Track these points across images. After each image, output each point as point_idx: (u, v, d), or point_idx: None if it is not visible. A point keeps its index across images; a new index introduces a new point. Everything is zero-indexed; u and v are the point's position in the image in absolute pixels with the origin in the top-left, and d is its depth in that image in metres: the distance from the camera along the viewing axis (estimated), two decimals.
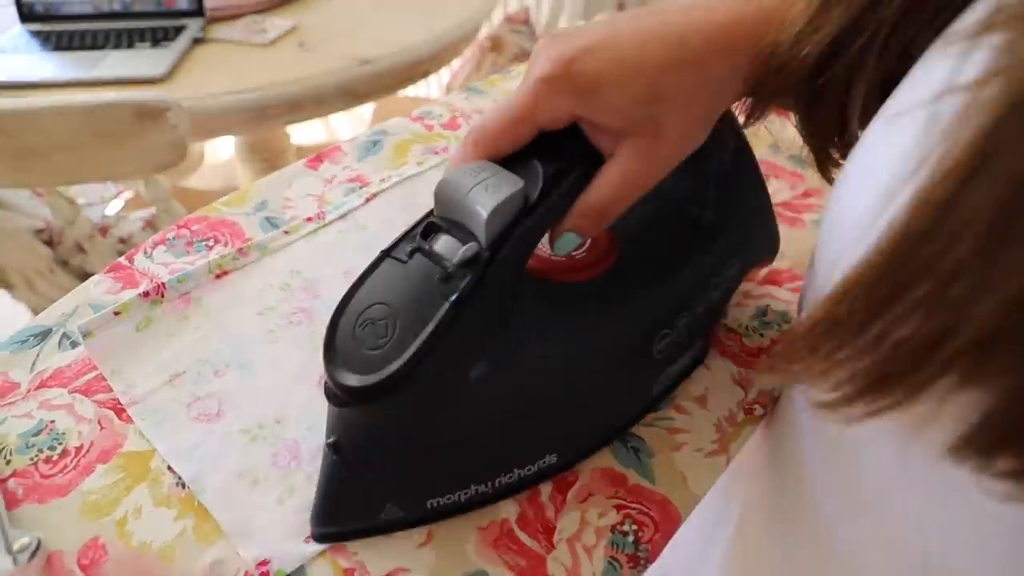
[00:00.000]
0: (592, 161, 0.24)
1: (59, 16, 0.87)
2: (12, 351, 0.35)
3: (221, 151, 1.52)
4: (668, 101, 0.22)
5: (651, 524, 0.28)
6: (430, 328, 0.21)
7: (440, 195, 0.23)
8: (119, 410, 0.32)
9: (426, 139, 0.52)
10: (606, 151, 0.24)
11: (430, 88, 1.67)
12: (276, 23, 0.88)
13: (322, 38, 0.86)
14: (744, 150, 0.30)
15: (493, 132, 0.23)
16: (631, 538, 0.28)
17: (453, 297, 0.21)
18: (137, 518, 0.28)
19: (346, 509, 0.27)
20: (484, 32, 1.31)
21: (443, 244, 0.23)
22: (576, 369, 0.26)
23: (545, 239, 0.24)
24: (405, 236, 0.24)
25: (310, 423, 0.31)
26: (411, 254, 0.23)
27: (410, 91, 1.05)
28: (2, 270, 0.75)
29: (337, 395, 0.22)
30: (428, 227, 0.23)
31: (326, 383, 0.23)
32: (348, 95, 0.81)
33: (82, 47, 0.81)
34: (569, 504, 0.29)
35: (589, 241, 0.28)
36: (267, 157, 1.19)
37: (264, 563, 0.26)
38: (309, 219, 0.43)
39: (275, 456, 0.30)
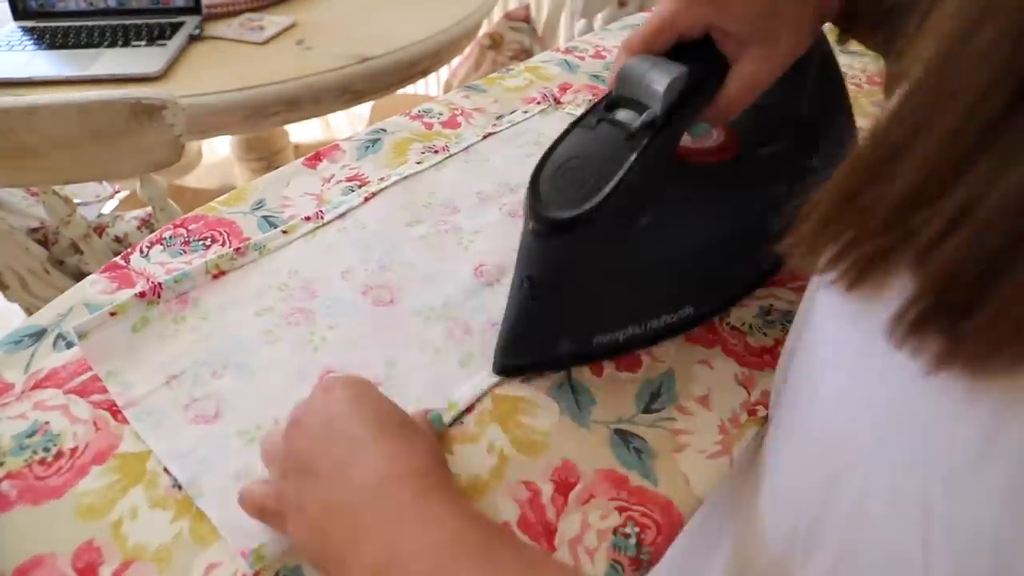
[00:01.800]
0: (721, 65, 0.30)
1: (53, 13, 0.86)
2: (6, 351, 0.34)
3: (218, 150, 1.52)
4: (782, 14, 0.28)
5: (653, 526, 0.28)
6: (620, 174, 0.27)
7: (621, 77, 0.29)
8: (115, 411, 0.32)
9: (425, 137, 0.52)
10: (732, 58, 0.29)
11: (429, 86, 1.67)
12: (274, 20, 0.87)
13: (320, 36, 0.85)
14: (830, 60, 0.36)
15: (641, 39, 0.29)
16: (633, 540, 0.28)
17: (637, 151, 0.28)
18: (133, 520, 0.28)
19: (528, 342, 0.33)
20: (483, 30, 1.30)
21: (623, 115, 0.29)
22: (707, 234, 0.32)
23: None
24: (590, 111, 0.31)
25: None
26: (598, 122, 0.30)
27: (409, 89, 1.04)
28: None
29: (543, 230, 0.28)
30: (610, 103, 0.30)
31: (531, 224, 0.29)
32: (347, 93, 0.81)
33: (77, 45, 0.80)
34: (571, 506, 0.29)
35: (716, 133, 0.35)
36: (265, 156, 1.19)
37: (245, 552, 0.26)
38: (307, 218, 0.43)
39: None
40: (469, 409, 0.32)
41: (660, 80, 0.28)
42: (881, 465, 0.19)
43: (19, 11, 0.86)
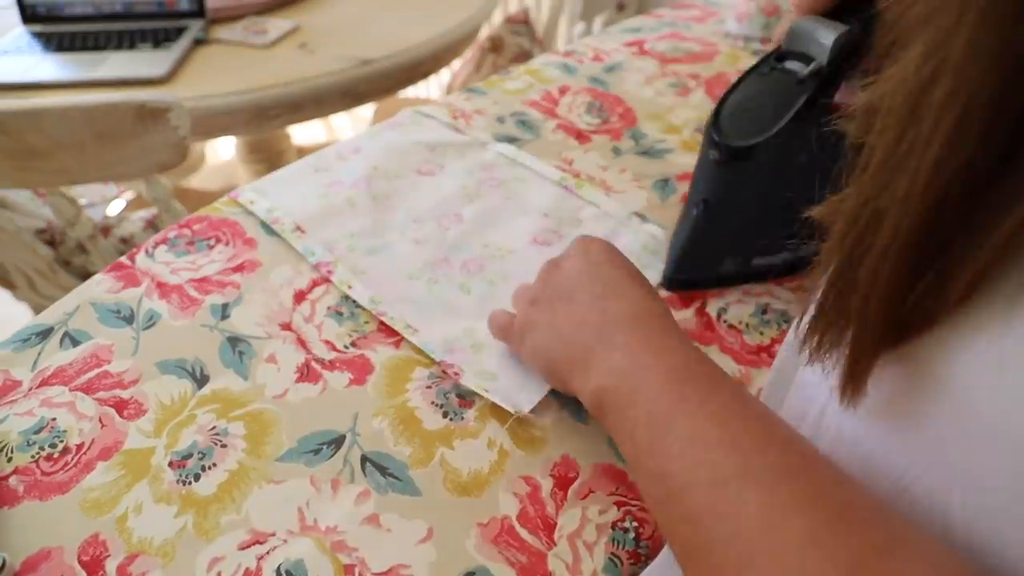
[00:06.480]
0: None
1: (61, 17, 0.87)
2: (14, 349, 0.35)
3: (222, 152, 1.53)
4: None
5: (652, 520, 0.28)
6: (791, 113, 0.32)
7: (791, 34, 0.33)
8: (120, 407, 0.32)
9: None
10: None
11: (430, 88, 1.67)
12: (277, 24, 0.88)
13: (323, 39, 0.86)
14: None
15: (810, 1, 0.32)
16: (632, 535, 0.28)
17: (806, 95, 0.32)
18: (138, 515, 0.28)
19: (698, 259, 0.38)
20: (484, 33, 1.31)
21: (793, 65, 0.34)
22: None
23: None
24: (763, 61, 0.35)
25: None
26: (770, 70, 0.34)
27: (410, 91, 1.05)
28: (4, 270, 0.75)
29: (723, 157, 0.34)
30: (780, 55, 0.34)
31: (713, 153, 0.34)
32: (349, 96, 0.81)
33: (84, 48, 0.81)
34: (570, 500, 0.29)
35: None
36: (268, 158, 1.20)
37: None
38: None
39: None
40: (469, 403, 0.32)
41: (827, 36, 0.31)
42: (901, 499, 0.18)
43: (27, 15, 0.87)
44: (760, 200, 0.35)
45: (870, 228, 0.16)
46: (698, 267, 0.38)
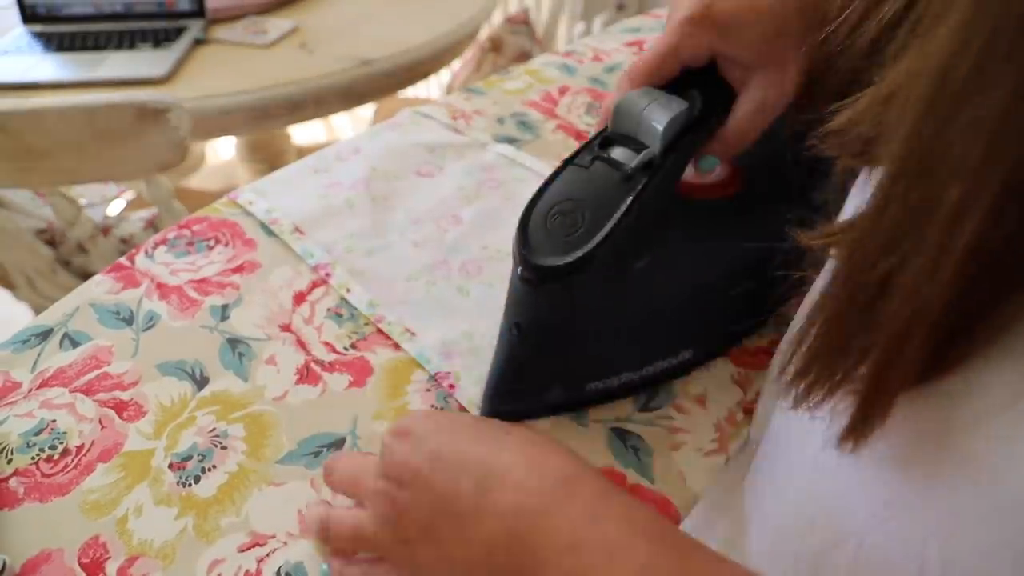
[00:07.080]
0: (728, 94, 0.28)
1: (61, 17, 0.87)
2: (14, 351, 0.35)
3: (222, 152, 1.53)
4: (790, 37, 0.25)
5: None
6: (615, 218, 0.25)
7: (618, 112, 0.27)
8: (120, 409, 0.32)
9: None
10: (738, 85, 0.27)
11: (430, 88, 1.67)
12: (277, 24, 0.88)
13: (323, 39, 0.86)
14: None
15: (643, 70, 0.27)
16: None
17: (634, 193, 0.26)
18: (138, 517, 0.28)
19: (518, 390, 0.30)
20: (484, 33, 1.31)
21: (620, 153, 0.27)
22: (707, 273, 0.30)
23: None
24: (583, 148, 0.28)
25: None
26: (592, 161, 0.27)
27: (410, 91, 1.05)
28: (4, 270, 0.75)
29: (532, 277, 0.26)
30: (605, 139, 0.28)
31: (520, 270, 0.26)
32: (349, 96, 0.81)
33: (84, 48, 0.81)
34: None
35: (719, 168, 0.31)
36: (268, 158, 1.20)
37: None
38: None
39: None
40: None
41: (659, 118, 0.26)
42: (878, 531, 0.18)
43: (27, 15, 0.87)
44: (589, 322, 0.28)
45: (881, 282, 0.14)
46: (520, 398, 0.31)
